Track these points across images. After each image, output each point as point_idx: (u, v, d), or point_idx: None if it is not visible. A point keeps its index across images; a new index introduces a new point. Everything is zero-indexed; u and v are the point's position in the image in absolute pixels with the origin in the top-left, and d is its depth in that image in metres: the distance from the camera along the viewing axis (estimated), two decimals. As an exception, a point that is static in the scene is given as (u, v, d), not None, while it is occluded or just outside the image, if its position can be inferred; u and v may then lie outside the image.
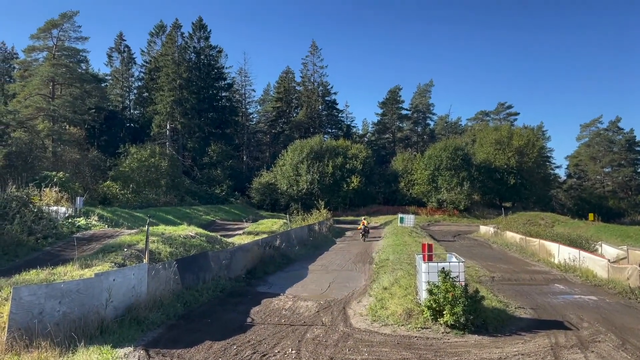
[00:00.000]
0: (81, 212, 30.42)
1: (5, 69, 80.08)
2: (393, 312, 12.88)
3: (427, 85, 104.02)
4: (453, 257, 14.12)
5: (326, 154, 70.01)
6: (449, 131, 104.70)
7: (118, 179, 54.35)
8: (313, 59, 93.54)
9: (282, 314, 13.59)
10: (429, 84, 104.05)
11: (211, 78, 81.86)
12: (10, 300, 9.06)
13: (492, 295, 15.90)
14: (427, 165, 69.15)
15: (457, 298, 11.66)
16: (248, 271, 19.99)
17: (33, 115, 56.27)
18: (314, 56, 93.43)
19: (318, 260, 25.67)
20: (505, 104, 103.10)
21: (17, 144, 49.15)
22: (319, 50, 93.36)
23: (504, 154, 70.77)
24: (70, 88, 61.10)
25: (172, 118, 72.57)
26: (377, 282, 17.31)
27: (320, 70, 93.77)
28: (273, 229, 36.79)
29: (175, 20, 78.09)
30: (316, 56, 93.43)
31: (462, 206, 65.26)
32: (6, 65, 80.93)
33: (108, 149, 66.13)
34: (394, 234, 37.09)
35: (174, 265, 14.70)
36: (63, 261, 16.54)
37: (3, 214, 20.79)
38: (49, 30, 60.84)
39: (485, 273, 21.65)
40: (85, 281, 10.75)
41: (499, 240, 37.32)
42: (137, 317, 11.47)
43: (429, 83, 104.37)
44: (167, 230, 23.59)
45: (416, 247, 25.82)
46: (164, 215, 43.46)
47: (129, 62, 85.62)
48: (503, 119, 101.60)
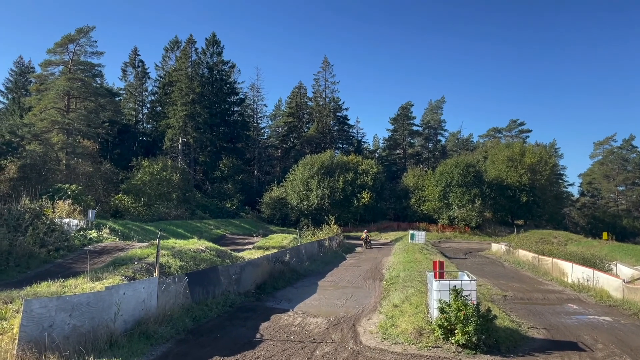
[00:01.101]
0: (93, 224, 30.63)
1: (22, 83, 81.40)
2: (404, 330, 12.72)
3: (439, 101, 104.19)
4: (465, 275, 13.95)
5: (337, 169, 70.03)
6: (460, 148, 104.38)
7: (130, 192, 54.73)
8: (325, 74, 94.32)
9: (291, 330, 13.48)
10: (441, 101, 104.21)
11: (223, 93, 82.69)
12: (22, 312, 9.08)
13: (505, 314, 15.65)
14: (439, 181, 68.82)
15: (469, 317, 11.49)
16: (257, 286, 19.90)
17: (48, 128, 57.07)
18: (326, 72, 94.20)
19: (328, 276, 25.51)
20: (517, 121, 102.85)
21: (32, 156, 49.86)
22: (330, 66, 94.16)
23: (516, 171, 70.27)
24: (85, 102, 61.95)
25: (185, 132, 73.21)
26: (388, 299, 17.14)
27: (332, 85, 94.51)
28: (283, 244, 36.72)
29: (189, 36, 79.26)
30: (328, 72, 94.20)
31: (473, 223, 64.73)
32: (23, 78, 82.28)
33: (121, 162, 66.73)
34: (405, 250, 36.81)
35: (184, 279, 14.68)
36: (74, 273, 16.63)
37: (16, 226, 20.98)
38: (66, 45, 61.92)
39: (497, 292, 21.34)
40: (95, 294, 10.77)
41: (511, 259, 36.85)
42: (147, 331, 11.44)
43: (440, 99, 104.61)
44: (178, 244, 23.62)
45: (427, 265, 25.60)
46: (175, 228, 43.61)
47: (143, 76, 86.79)
48: (515, 136, 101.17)
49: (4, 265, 18.28)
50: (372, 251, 41.95)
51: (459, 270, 18.72)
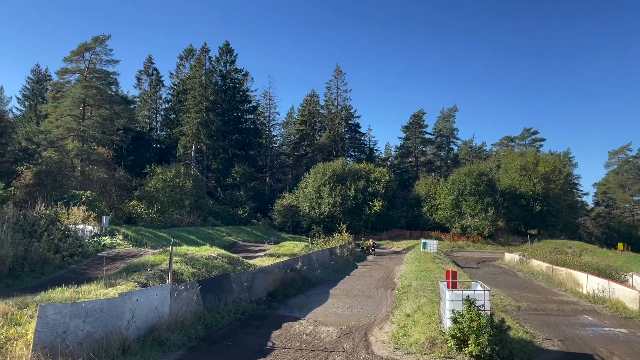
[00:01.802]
0: (107, 231, 30.89)
1: (39, 90, 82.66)
2: (416, 340, 12.63)
3: (451, 109, 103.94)
4: (478, 285, 13.84)
5: (348, 177, 70.00)
6: (473, 156, 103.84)
7: (143, 198, 55.15)
8: (337, 82, 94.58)
9: (302, 338, 13.44)
10: (453, 109, 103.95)
11: (236, 101, 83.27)
12: (36, 318, 9.16)
13: (518, 325, 15.48)
14: (451, 190, 68.44)
15: (482, 328, 11.37)
16: (269, 294, 19.89)
17: (64, 135, 57.85)
18: (338, 80, 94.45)
19: (340, 284, 25.44)
20: (530, 129, 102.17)
21: (47, 163, 50.51)
22: (343, 74, 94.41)
23: (530, 180, 69.68)
24: (100, 109, 62.74)
25: (198, 139, 73.74)
26: (400, 308, 17.05)
27: (344, 94, 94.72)
28: (294, 252, 36.70)
29: (203, 44, 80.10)
30: (340, 80, 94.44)
31: (486, 232, 64.21)
32: (40, 86, 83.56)
33: (134, 169, 67.33)
34: (417, 259, 36.61)
35: (196, 286, 14.72)
36: (88, 279, 16.76)
37: (31, 232, 21.19)
38: (82, 54, 62.85)
39: (510, 302, 21.12)
40: (109, 301, 10.84)
41: (525, 269, 36.47)
42: (159, 338, 11.48)
43: (452, 108, 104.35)
44: (190, 251, 23.71)
45: (439, 274, 25.42)
46: (187, 235, 43.82)
47: (157, 84, 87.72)
48: (528, 144, 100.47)
49: (19, 271, 18.48)
50: (383, 259, 41.76)
51: (471, 280, 18.58)
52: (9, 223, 19.63)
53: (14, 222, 20.46)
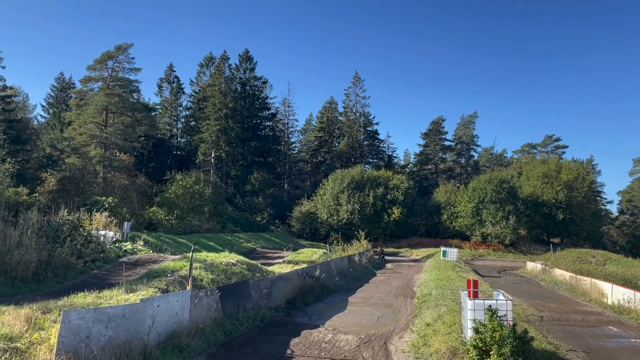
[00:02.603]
0: (128, 236, 31.25)
1: (63, 98, 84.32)
2: (437, 349, 12.46)
3: (471, 116, 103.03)
4: (500, 294, 13.62)
5: (367, 184, 69.81)
6: (493, 163, 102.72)
7: (163, 204, 55.72)
8: (356, 89, 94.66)
9: (322, 346, 13.37)
10: (473, 115, 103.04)
11: (255, 108, 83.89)
12: (60, 323, 9.28)
13: (542, 336, 15.18)
14: (471, 197, 67.73)
15: (504, 338, 11.16)
16: (288, 301, 19.87)
17: (87, 142, 58.86)
18: (357, 87, 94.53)
19: (358, 292, 25.31)
20: (553, 136, 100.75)
21: (71, 169, 51.47)
22: (361, 81, 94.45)
23: (552, 188, 68.61)
24: (122, 117, 63.71)
25: (217, 146, 74.37)
26: (420, 317, 16.86)
27: (363, 100, 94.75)
28: (313, 259, 36.63)
29: (223, 52, 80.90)
30: (359, 87, 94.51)
31: (507, 241, 63.32)
32: (64, 94, 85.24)
33: (155, 175, 68.13)
34: (437, 267, 36.23)
35: (215, 292, 14.78)
36: (109, 285, 16.96)
37: (55, 237, 21.56)
38: (105, 62, 63.96)
39: (533, 312, 20.74)
40: (131, 306, 10.93)
41: (547, 278, 35.83)
42: (179, 344, 11.53)
43: (473, 114, 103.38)
44: (210, 257, 23.85)
45: (460, 282, 25.12)
46: (206, 241, 44.09)
47: (178, 92, 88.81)
48: (551, 151, 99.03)
49: (43, 276, 18.79)
50: (402, 267, 41.46)
51: (493, 289, 18.30)
52: (33, 229, 20.01)
53: (38, 227, 20.85)
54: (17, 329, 10.17)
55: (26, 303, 12.62)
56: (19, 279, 17.50)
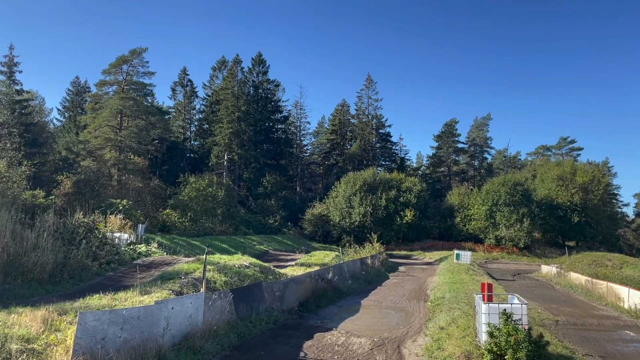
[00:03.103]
0: (142, 239, 31.48)
1: (78, 102, 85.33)
2: (451, 353, 12.38)
3: (485, 118, 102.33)
4: (515, 298, 13.51)
5: (379, 186, 69.61)
6: (507, 166, 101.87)
7: (177, 207, 56.08)
8: (368, 92, 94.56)
9: (334, 349, 13.36)
10: (487, 117, 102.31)
11: (268, 111, 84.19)
12: (76, 324, 9.38)
13: (557, 340, 15.01)
14: (485, 200, 67.20)
15: (520, 342, 11.06)
16: (300, 304, 19.89)
17: (101, 145, 59.50)
18: (369, 89, 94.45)
19: (371, 295, 25.25)
20: (567, 138, 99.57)
21: (86, 172, 52.08)
22: (374, 84, 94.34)
23: (567, 190, 67.83)
24: (136, 120, 64.30)
25: (230, 149, 74.72)
26: (433, 321, 16.78)
27: (375, 103, 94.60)
28: (325, 261, 36.60)
29: (236, 55, 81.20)
30: (371, 89, 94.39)
31: (521, 244, 62.71)
32: (79, 98, 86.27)
33: (169, 178, 68.62)
34: (450, 270, 36.02)
35: (229, 295, 14.84)
36: (124, 287, 17.09)
37: (70, 239, 21.79)
38: (120, 66, 64.64)
39: (548, 316, 20.53)
40: (145, 308, 11.02)
41: (562, 282, 35.42)
42: (193, 346, 11.60)
43: (486, 116, 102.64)
44: (223, 259, 23.94)
45: (474, 286, 24.95)
46: (219, 244, 44.28)
47: (191, 95, 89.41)
48: (565, 154, 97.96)
49: (59, 277, 19.00)
50: (415, 270, 41.28)
51: (507, 292, 18.14)
52: (49, 231, 20.23)
53: (54, 229, 21.07)
54: (33, 330, 10.28)
55: (42, 304, 12.77)
56: (35, 281, 17.70)
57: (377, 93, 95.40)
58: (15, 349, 9.20)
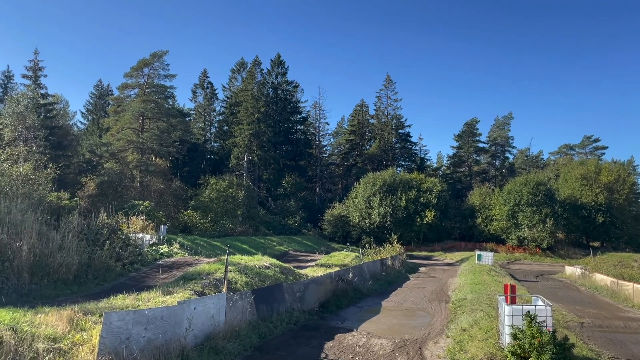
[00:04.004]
0: (164, 239, 31.85)
1: (101, 105, 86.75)
2: (473, 355, 12.26)
3: (506, 117, 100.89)
4: (539, 300, 13.31)
5: (399, 187, 69.24)
6: (529, 165, 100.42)
7: (198, 208, 56.62)
8: (387, 92, 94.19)
9: (356, 350, 13.34)
10: (508, 116, 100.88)
11: (287, 112, 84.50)
12: (102, 324, 9.54)
13: (582, 342, 14.75)
14: (507, 200, 66.31)
15: (544, 345, 10.90)
16: (321, 304, 19.91)
17: (124, 147, 60.39)
18: (388, 89, 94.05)
19: (392, 296, 25.14)
20: (591, 137, 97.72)
21: (109, 174, 52.95)
22: (393, 84, 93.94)
23: (591, 190, 66.54)
24: (157, 122, 65.10)
25: (250, 150, 75.18)
26: (455, 322, 16.62)
27: (394, 103, 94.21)
28: (345, 262, 36.55)
29: (255, 57, 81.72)
30: (390, 89, 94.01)
31: (544, 244, 61.69)
32: (102, 101, 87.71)
33: (190, 179, 69.31)
34: (472, 271, 35.64)
35: (250, 295, 14.93)
36: (147, 287, 17.31)
37: (94, 240, 22.18)
38: (141, 69, 65.51)
39: (572, 318, 20.17)
40: (169, 309, 11.15)
41: (587, 283, 34.78)
42: (216, 346, 11.69)
43: (507, 115, 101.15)
44: (243, 260, 24.07)
45: (496, 287, 24.66)
46: (240, 244, 44.58)
47: (212, 97, 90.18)
48: (589, 153, 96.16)
49: (84, 278, 19.35)
50: (436, 271, 40.97)
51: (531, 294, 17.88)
52: (74, 232, 20.62)
53: (78, 231, 21.48)
54: (59, 329, 10.47)
55: (68, 304, 13.00)
56: (61, 281, 18.05)
57: (397, 93, 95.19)
58: (42, 348, 9.38)
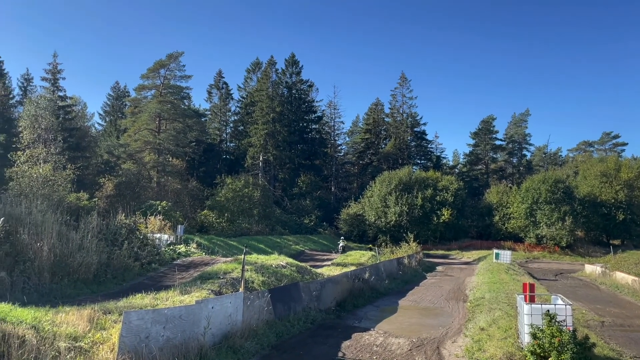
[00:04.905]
0: (181, 239, 32.14)
1: (118, 106, 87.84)
2: (492, 355, 12.14)
3: (523, 114, 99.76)
4: (559, 298, 13.13)
5: (415, 185, 68.91)
6: (547, 162, 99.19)
7: (214, 208, 57.01)
8: (402, 90, 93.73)
9: (373, 350, 13.31)
10: (525, 113, 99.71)
11: (302, 111, 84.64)
12: (121, 323, 9.66)
13: (603, 342, 14.53)
14: (525, 198, 65.59)
15: (564, 344, 10.75)
16: (337, 303, 19.90)
17: (141, 148, 61.08)
18: (403, 87, 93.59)
19: (409, 295, 25.03)
20: (611, 133, 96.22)
21: (127, 174, 53.61)
22: (408, 82, 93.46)
23: (611, 187, 65.48)
24: (174, 123, 65.73)
25: (265, 150, 75.48)
26: (473, 321, 16.49)
27: (409, 101, 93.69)
28: (361, 261, 36.49)
29: (270, 57, 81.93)
30: (405, 87, 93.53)
31: (563, 243, 60.88)
32: (119, 102, 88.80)
33: (206, 179, 69.83)
34: (489, 270, 35.32)
35: (267, 295, 14.99)
36: (164, 286, 17.48)
37: (113, 240, 22.46)
38: (157, 70, 66.17)
39: (593, 317, 19.87)
40: (187, 308, 11.24)
41: (608, 281, 34.22)
42: (233, 345, 11.76)
43: (525, 112, 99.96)
44: (260, 259, 24.16)
45: (514, 286, 24.41)
46: (256, 244, 44.77)
47: (227, 97, 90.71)
48: (609, 149, 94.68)
49: (103, 277, 19.61)
50: (453, 270, 40.69)
51: (550, 293, 17.66)
52: (93, 232, 20.92)
53: (97, 231, 21.78)
54: (80, 328, 10.64)
55: (88, 304, 13.19)
56: (80, 281, 18.32)
57: (412, 91, 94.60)
58: (63, 347, 9.54)
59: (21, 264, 16.77)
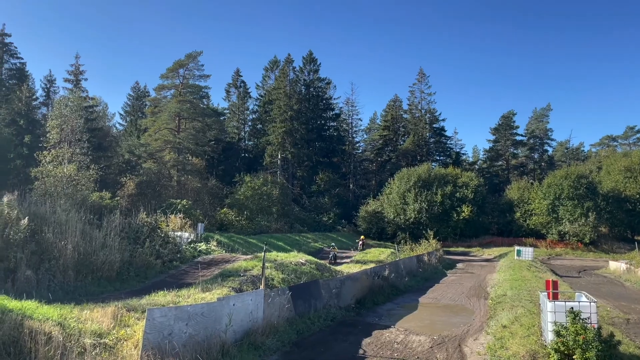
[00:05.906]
0: (202, 237, 32.46)
1: (139, 106, 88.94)
2: (515, 353, 12.00)
3: (544, 109, 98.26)
4: (582, 295, 12.93)
5: (434, 182, 68.39)
6: (569, 158, 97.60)
7: (234, 206, 57.41)
8: (420, 86, 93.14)
9: (394, 347, 13.28)
10: (547, 108, 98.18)
11: (320, 109, 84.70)
12: (145, 320, 9.81)
13: (629, 339, 14.24)
14: (546, 194, 64.64)
15: (589, 342, 10.57)
16: (357, 301, 19.89)
17: (161, 147, 61.83)
18: (422, 83, 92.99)
19: (429, 292, 24.90)
20: (635, 127, 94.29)
21: (148, 173, 54.31)
22: (426, 77, 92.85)
23: (636, 182, 64.13)
24: (193, 122, 66.37)
25: (283, 148, 75.74)
26: (495, 319, 16.33)
27: (428, 97, 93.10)
28: (380, 259, 36.41)
29: (287, 55, 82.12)
30: (424, 83, 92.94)
31: (587, 239, 59.85)
32: (139, 102, 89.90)
33: (225, 178, 70.37)
34: (511, 267, 34.92)
35: (287, 292, 15.06)
36: (186, 284, 17.69)
37: (135, 238, 22.78)
38: (176, 70, 66.90)
39: (618, 314, 19.49)
40: (209, 305, 11.36)
41: (633, 278, 33.52)
42: (255, 342, 11.85)
43: (546, 107, 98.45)
44: (279, 257, 24.30)
45: (536, 283, 24.10)
46: (275, 241, 44.94)
47: (245, 96, 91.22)
48: (633, 144, 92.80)
49: (126, 275, 19.92)
50: (474, 267, 40.32)
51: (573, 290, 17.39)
52: (116, 231, 21.25)
53: (120, 229, 22.10)
54: (104, 325, 10.84)
55: (112, 301, 13.43)
56: (104, 278, 18.64)
57: (430, 87, 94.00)
58: (89, 344, 9.73)
59: (46, 263, 17.12)
